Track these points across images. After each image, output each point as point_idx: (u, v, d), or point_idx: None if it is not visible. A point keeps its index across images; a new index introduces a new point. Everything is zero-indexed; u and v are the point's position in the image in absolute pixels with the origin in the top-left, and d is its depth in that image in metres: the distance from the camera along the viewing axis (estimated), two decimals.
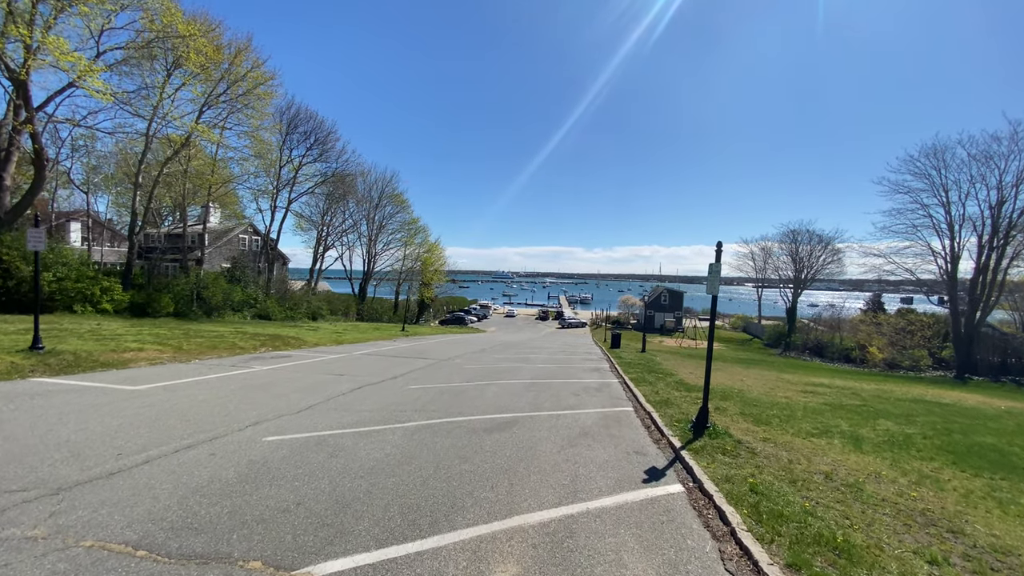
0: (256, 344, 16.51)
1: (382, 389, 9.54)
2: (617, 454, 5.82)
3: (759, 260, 65.05)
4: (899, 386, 18.66)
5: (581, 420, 7.54)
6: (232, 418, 6.62)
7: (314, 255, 41.99)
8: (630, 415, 8.30)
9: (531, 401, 8.92)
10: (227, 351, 14.50)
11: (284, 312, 34.39)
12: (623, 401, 9.72)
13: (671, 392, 10.87)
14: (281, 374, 10.87)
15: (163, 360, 12.08)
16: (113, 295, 23.35)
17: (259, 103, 28.21)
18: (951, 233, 31.11)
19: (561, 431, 6.74)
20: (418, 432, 6.25)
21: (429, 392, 9.38)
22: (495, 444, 5.84)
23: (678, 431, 6.91)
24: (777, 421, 8.28)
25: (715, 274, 6.74)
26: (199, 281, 28.05)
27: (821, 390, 14.04)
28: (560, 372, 14.08)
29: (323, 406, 7.70)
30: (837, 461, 6.16)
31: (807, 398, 11.92)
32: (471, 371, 13.18)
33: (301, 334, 22.07)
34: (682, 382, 12.89)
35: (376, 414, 7.24)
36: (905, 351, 33.32)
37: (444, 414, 7.39)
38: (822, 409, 10.18)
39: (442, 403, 8.30)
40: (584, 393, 10.37)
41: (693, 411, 8.52)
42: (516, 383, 11.25)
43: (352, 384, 9.96)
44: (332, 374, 11.30)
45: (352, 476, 4.55)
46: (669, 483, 4.93)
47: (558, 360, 18.29)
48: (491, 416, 7.40)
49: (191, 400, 7.60)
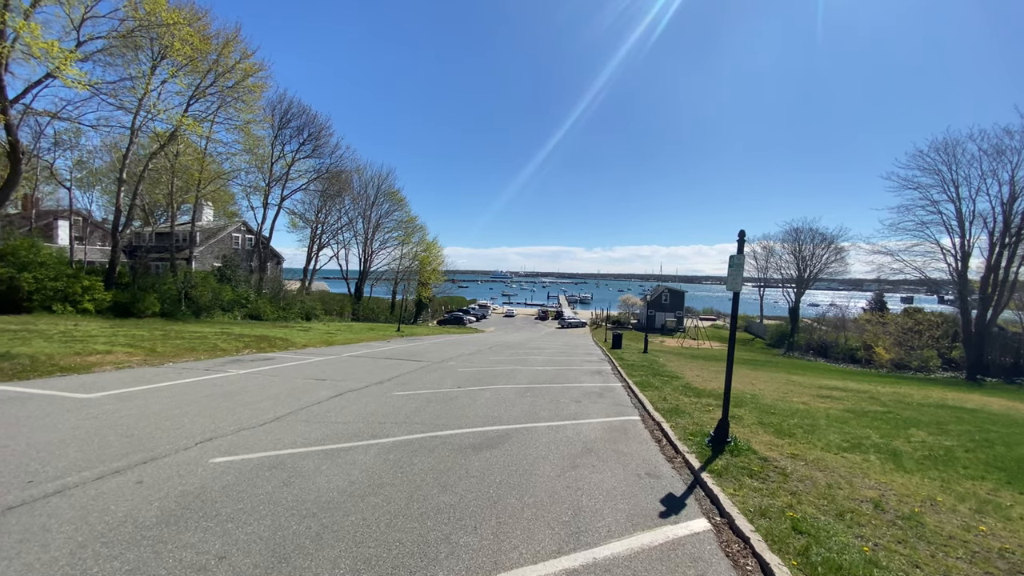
0: (239, 346, 15.64)
1: (364, 396, 8.67)
2: (626, 477, 4.96)
3: (761, 259, 64.32)
4: (915, 389, 17.82)
5: (583, 433, 6.68)
6: (182, 433, 5.75)
7: (308, 254, 41.10)
8: (637, 426, 7.44)
9: (527, 410, 8.06)
10: (206, 353, 13.63)
11: (276, 312, 33.51)
12: (628, 409, 8.86)
13: (679, 398, 10.01)
14: (257, 379, 10.00)
15: (132, 364, 11.21)
16: (95, 294, 22.47)
17: (249, 96, 27.33)
18: (961, 230, 30.29)
19: (560, 447, 5.87)
20: (395, 450, 5.38)
21: (415, 400, 8.52)
22: (483, 466, 4.98)
23: (694, 447, 6.05)
24: (801, 432, 7.42)
25: (737, 267, 5.88)
26: (187, 280, 27.20)
27: (837, 394, 13.19)
28: (559, 375, 13.22)
29: (293, 417, 6.83)
30: (882, 484, 5.30)
31: (825, 404, 11.07)
32: (464, 375, 12.32)
33: (290, 335, 21.20)
34: (690, 386, 12.04)
35: (351, 427, 6.37)
36: (913, 351, 32.48)
37: (428, 427, 6.52)
38: (845, 417, 9.33)
39: (428, 413, 7.43)
40: (585, 399, 9.51)
41: (707, 421, 7.68)
42: (512, 388, 10.39)
43: (332, 390, 9.09)
44: (313, 379, 10.43)
45: (302, 513, 3.68)
46: (692, 517, 4.07)
47: (557, 362, 17.43)
48: (481, 429, 6.53)
49: (142, 411, 6.73)
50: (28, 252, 20.80)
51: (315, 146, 34.61)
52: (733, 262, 5.95)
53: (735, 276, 5.92)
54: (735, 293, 6.04)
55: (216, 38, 25.51)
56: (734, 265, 5.93)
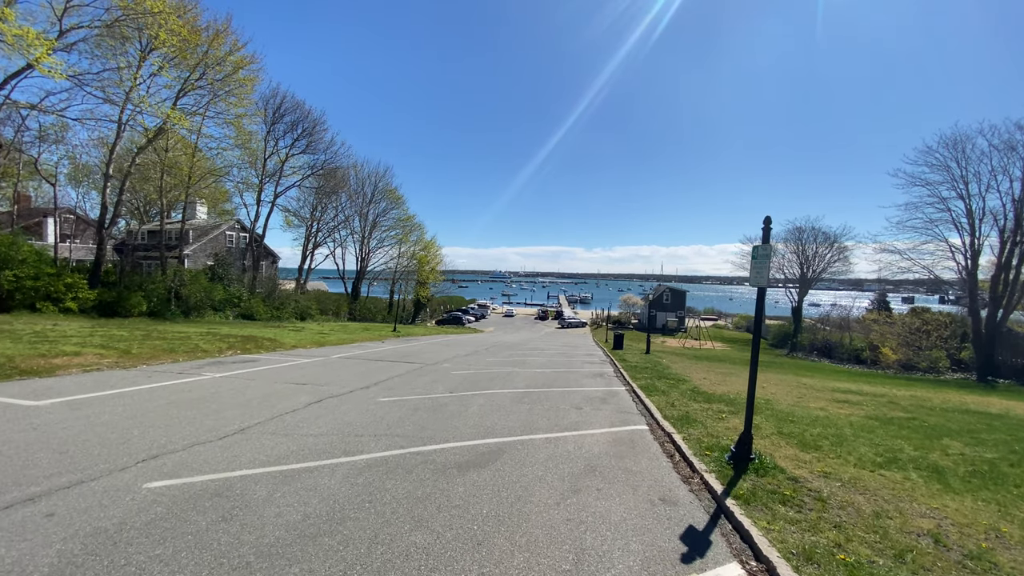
0: (223, 347, 14.89)
1: (346, 403, 7.92)
2: (637, 504, 4.21)
3: None
4: (931, 392, 17.08)
5: (586, 447, 5.92)
6: (125, 449, 5.00)
7: (303, 252, 40.33)
8: (645, 437, 6.68)
9: (524, 419, 7.30)
10: (185, 355, 12.88)
11: (270, 312, 32.76)
12: (634, 416, 8.10)
13: (688, 404, 9.26)
14: (232, 383, 9.24)
15: (101, 366, 10.46)
16: (78, 293, 21.72)
17: (240, 90, 26.58)
18: (971, 228, 29.50)
19: (560, 465, 5.12)
20: (368, 471, 4.63)
21: (401, 407, 7.76)
22: (469, 492, 4.22)
23: (713, 464, 5.30)
24: (828, 445, 6.67)
25: (763, 259, 5.13)
26: (177, 279, 26.43)
27: (854, 398, 12.44)
28: (559, 378, 12.47)
29: (260, 429, 6.08)
30: (934, 510, 4.55)
31: (844, 409, 10.32)
32: (457, 378, 11.57)
33: (280, 335, 20.44)
34: (698, 390, 11.29)
35: (323, 441, 5.62)
36: (921, 352, 31.72)
37: (411, 440, 5.77)
38: (870, 425, 8.58)
39: (413, 423, 6.67)
40: (587, 405, 8.76)
41: (722, 431, 6.94)
42: (507, 393, 9.63)
43: (312, 396, 8.34)
44: (294, 383, 9.67)
45: (234, 563, 2.93)
46: (721, 561, 3.32)
47: (557, 364, 16.67)
48: (471, 443, 5.77)
49: (90, 422, 5.97)
50: (8, 249, 20.04)
51: (309, 142, 33.85)
52: (757, 253, 5.20)
53: (760, 269, 5.17)
54: (760, 289, 5.28)
55: (207, 30, 24.79)
56: (759, 256, 5.18)
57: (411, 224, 50.49)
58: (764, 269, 5.12)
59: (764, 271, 5.12)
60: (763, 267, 5.13)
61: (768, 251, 5.08)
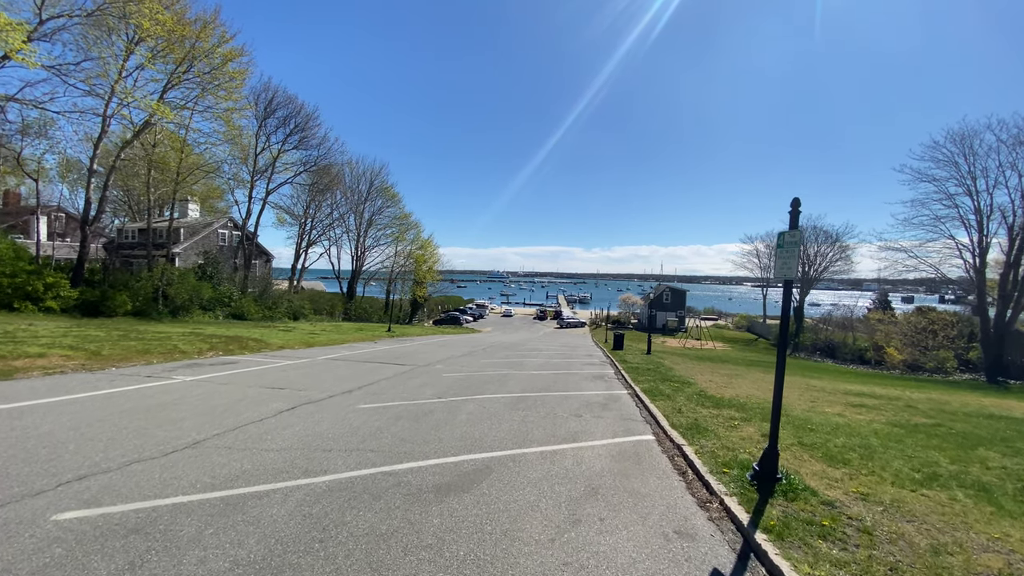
0: (204, 348, 14.16)
1: (322, 410, 7.20)
2: (649, 539, 3.50)
3: (764, 258, 62.96)
4: (947, 394, 16.41)
5: (586, 462, 5.21)
6: (50, 468, 4.28)
7: (296, 251, 39.57)
8: (652, 450, 5.97)
9: (517, 428, 6.58)
10: (161, 356, 12.16)
11: (261, 312, 32.00)
12: (639, 425, 7.40)
13: (697, 409, 8.56)
14: (202, 388, 8.52)
15: (66, 369, 9.75)
16: (59, 292, 20.96)
17: (230, 83, 25.82)
18: (979, 225, 28.86)
19: (557, 488, 4.40)
20: (326, 497, 3.91)
21: (382, 415, 7.04)
22: (445, 525, 3.51)
23: (733, 484, 4.60)
24: (857, 458, 5.97)
25: (791, 246, 4.42)
26: (164, 278, 25.67)
27: (870, 402, 11.75)
28: (557, 381, 11.76)
29: (216, 442, 5.36)
30: (995, 540, 3.85)
31: (863, 415, 9.63)
32: (448, 382, 10.85)
33: (267, 335, 19.70)
34: (704, 394, 10.59)
35: (284, 457, 4.90)
36: (928, 352, 31.07)
37: (386, 456, 5.05)
38: (896, 434, 7.89)
39: (392, 435, 5.95)
40: (587, 412, 8.05)
41: (737, 442, 6.24)
42: (501, 398, 8.92)
43: (286, 403, 7.62)
44: (270, 387, 8.95)
45: None
46: None
47: (555, 365, 15.97)
48: (454, 459, 5.06)
49: (25, 433, 5.26)
50: None
51: (302, 137, 33.10)
52: (784, 241, 4.49)
53: (787, 259, 4.46)
54: (787, 282, 4.57)
55: (195, 23, 24.04)
56: (786, 244, 4.48)
57: (407, 222, 49.77)
58: (792, 259, 4.41)
59: (792, 261, 4.41)
60: (791, 257, 4.42)
61: (797, 238, 4.37)
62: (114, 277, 24.72)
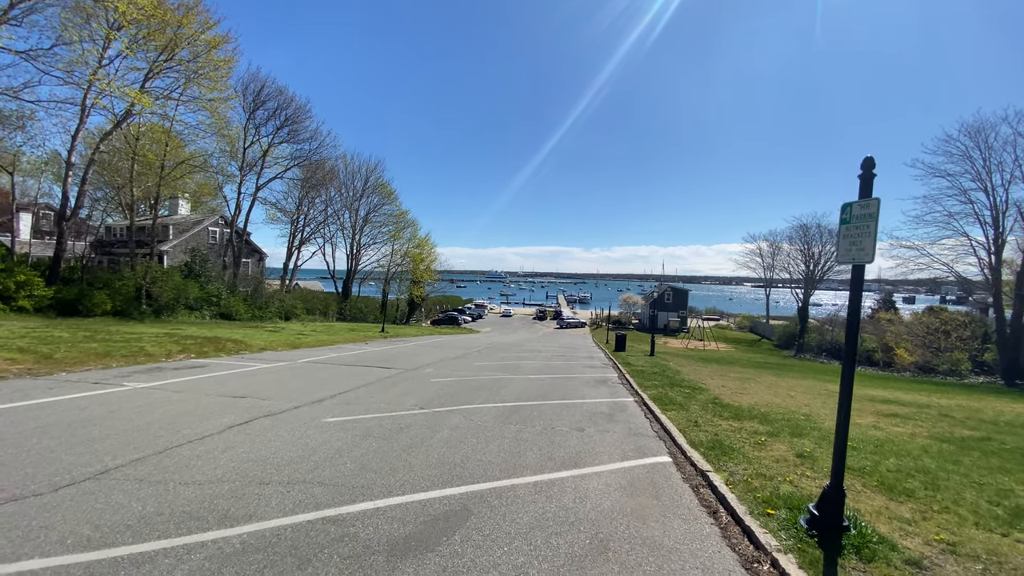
0: (175, 350, 13.10)
1: (279, 425, 6.13)
2: None
3: (767, 257, 61.92)
4: (972, 399, 15.33)
5: (591, 498, 4.14)
6: None
7: (288, 249, 38.49)
8: (671, 476, 4.91)
9: (507, 449, 5.51)
10: (123, 360, 11.09)
11: (251, 312, 30.93)
12: (651, 442, 6.33)
13: (715, 421, 7.49)
14: (147, 398, 7.45)
15: (8, 374, 8.73)
16: (33, 291, 19.89)
17: (216, 72, 24.76)
18: (995, 222, 27.79)
19: (553, 542, 3.33)
20: (233, 564, 2.84)
21: (349, 431, 5.97)
22: None
23: (783, 532, 3.53)
24: (920, 488, 4.91)
25: (864, 220, 3.35)
26: (148, 276, 24.59)
27: (901, 410, 10.69)
28: (556, 388, 10.70)
29: (128, 471, 4.30)
30: None
31: (901, 427, 8.57)
32: (435, 388, 9.79)
33: (251, 336, 18.62)
34: (719, 402, 9.52)
35: (205, 493, 3.83)
36: (940, 353, 30.00)
37: (335, 492, 3.97)
38: (947, 451, 6.84)
39: (352, 459, 4.88)
40: (590, 425, 6.98)
41: (772, 466, 5.19)
42: (492, 409, 7.85)
43: (240, 416, 6.55)
44: (231, 396, 7.88)
45: None
46: None
47: (555, 368, 14.90)
48: (423, 496, 3.98)
49: None
50: None
51: (292, 130, 31.96)
52: (853, 213, 3.43)
53: (858, 237, 3.39)
54: (855, 267, 3.50)
55: (178, 8, 22.98)
56: (854, 218, 3.41)
57: (404, 220, 48.66)
58: (865, 237, 3.34)
59: (866, 240, 3.34)
60: (863, 234, 3.35)
61: (873, 209, 3.30)
62: (93, 275, 23.63)
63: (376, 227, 46.11)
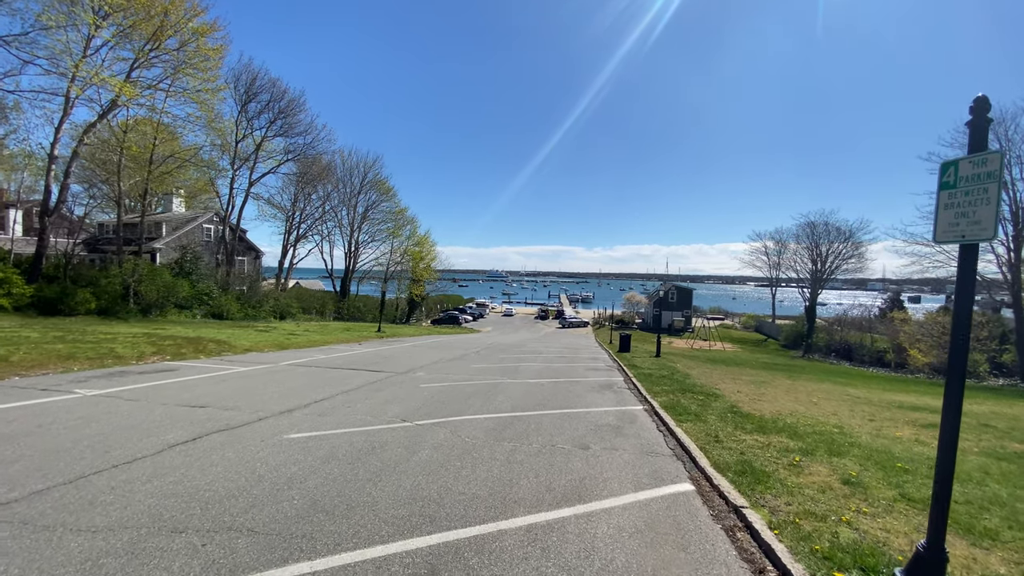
0: (149, 351, 12.25)
1: (232, 444, 5.23)
2: None
3: (773, 256, 60.82)
4: (1002, 404, 14.29)
5: (599, 552, 3.21)
6: None
7: (283, 246, 37.62)
8: (697, 513, 3.98)
9: (497, 476, 4.59)
10: (87, 363, 10.23)
11: (244, 310, 30.08)
12: (667, 462, 5.40)
13: (738, 436, 6.56)
14: (91, 409, 6.56)
15: None
16: (11, 288, 19.05)
17: (205, 63, 23.90)
18: (1014, 217, 26.69)
19: None
20: None
21: (311, 452, 5.06)
22: None
23: None
24: (1004, 527, 3.98)
25: (982, 181, 2.41)
26: (135, 273, 23.76)
27: (938, 420, 9.73)
28: (558, 393, 9.77)
29: (20, 508, 3.40)
30: None
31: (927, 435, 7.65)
32: (424, 396, 8.87)
33: (237, 336, 17.76)
34: (738, 411, 8.59)
35: (92, 547, 2.92)
36: None
37: (262, 550, 3.04)
38: (1010, 472, 5.89)
39: (303, 493, 3.96)
40: (596, 441, 6.06)
41: (815, 495, 4.30)
42: (484, 421, 6.93)
43: (191, 431, 5.65)
44: (189, 406, 6.98)
45: None
46: None
47: (556, 371, 13.97)
48: (380, 552, 3.05)
49: None
50: None
51: (286, 124, 31.05)
52: (960, 175, 2.49)
53: (971, 206, 2.45)
54: (965, 248, 2.56)
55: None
56: (964, 182, 2.47)
57: (403, 218, 47.74)
58: (983, 204, 2.40)
59: (984, 209, 2.40)
60: (981, 200, 2.41)
61: (994, 167, 2.36)
62: (77, 272, 22.80)
63: (374, 224, 45.24)
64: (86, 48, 21.70)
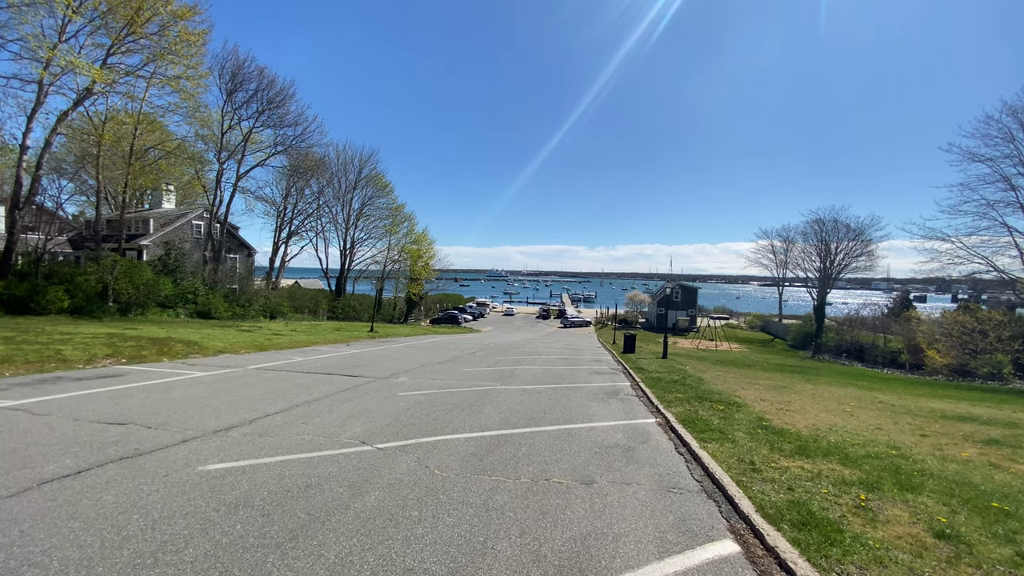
0: (103, 354, 11.02)
1: (119, 482, 3.96)
2: None
3: (780, 254, 59.44)
4: None
5: None
6: None
7: (275, 243, 36.44)
8: None
9: (465, 536, 3.31)
10: (22, 367, 9.01)
11: (232, 309, 28.90)
12: (694, 502, 4.11)
13: (778, 461, 5.28)
14: None
15: None
16: None
17: (187, 49, 22.69)
18: None
19: None
20: None
21: (220, 494, 3.79)
22: None
23: None
24: None
25: None
26: (114, 271, 22.58)
27: (995, 433, 8.37)
28: (556, 403, 8.49)
29: None
30: None
31: (1021, 461, 6.34)
32: (398, 407, 7.60)
33: (212, 337, 16.52)
34: (768, 424, 7.30)
35: None
36: (977, 355, 27.53)
37: None
38: None
39: (167, 575, 2.70)
40: (603, 473, 4.78)
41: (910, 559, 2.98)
42: (462, 444, 5.66)
43: (82, 459, 4.40)
44: (106, 422, 5.73)
45: None
46: None
47: (556, 375, 12.70)
48: None
49: None
50: None
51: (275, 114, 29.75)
52: None
53: None
54: None
55: None
56: None
57: (401, 214, 46.52)
58: None
59: None
60: None
61: None
62: (51, 269, 21.62)
63: (371, 221, 43.99)
64: (61, 33, 20.57)
